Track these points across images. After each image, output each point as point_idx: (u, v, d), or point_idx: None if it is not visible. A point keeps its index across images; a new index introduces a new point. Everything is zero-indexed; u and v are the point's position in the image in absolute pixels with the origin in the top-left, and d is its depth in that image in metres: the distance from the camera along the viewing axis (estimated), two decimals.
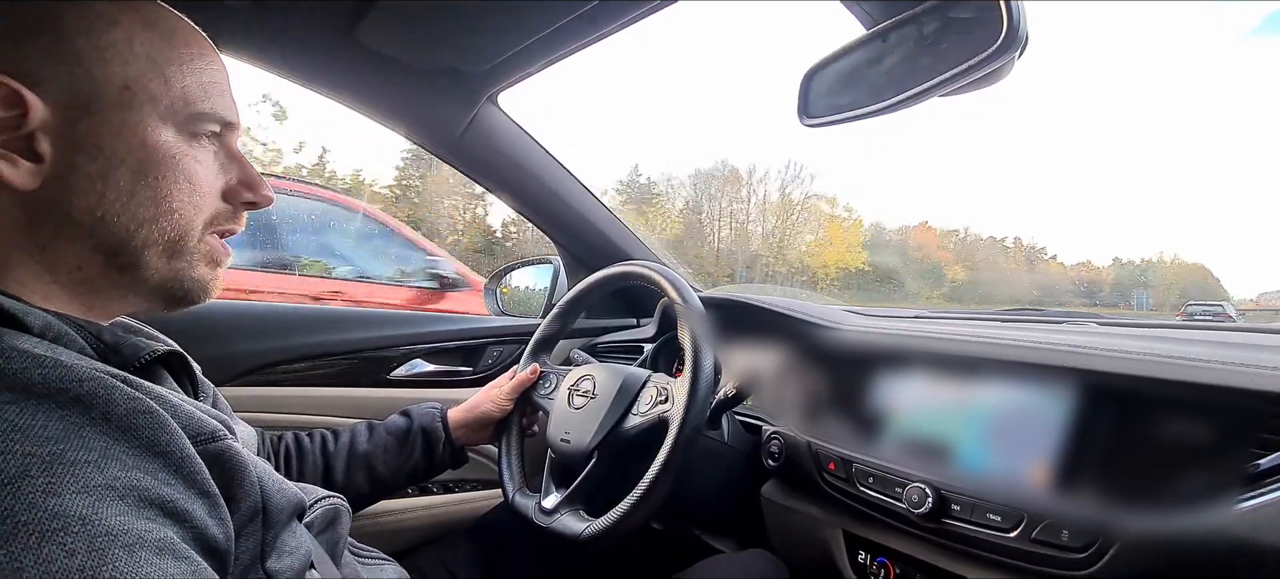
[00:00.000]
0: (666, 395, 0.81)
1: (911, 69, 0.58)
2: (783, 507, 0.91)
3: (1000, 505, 0.65)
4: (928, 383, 0.79)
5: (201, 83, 0.45)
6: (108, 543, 0.29)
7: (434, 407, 0.90)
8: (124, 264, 0.43)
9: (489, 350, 1.29)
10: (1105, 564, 0.57)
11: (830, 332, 0.92)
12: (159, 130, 0.43)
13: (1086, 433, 0.62)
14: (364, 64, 0.89)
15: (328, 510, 0.58)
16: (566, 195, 1.23)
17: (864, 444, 0.80)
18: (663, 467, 0.74)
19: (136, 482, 0.32)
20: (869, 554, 0.81)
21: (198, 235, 0.46)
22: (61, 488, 0.29)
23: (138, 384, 0.37)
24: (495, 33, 0.83)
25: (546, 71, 0.93)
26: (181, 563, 0.32)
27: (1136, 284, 29.46)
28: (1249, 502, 0.51)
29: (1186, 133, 66.01)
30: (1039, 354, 0.69)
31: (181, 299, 0.47)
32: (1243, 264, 53.73)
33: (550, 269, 1.37)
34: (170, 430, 0.35)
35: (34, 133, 0.39)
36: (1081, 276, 31.72)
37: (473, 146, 1.09)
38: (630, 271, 0.94)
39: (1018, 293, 31.01)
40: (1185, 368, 0.58)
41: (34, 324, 0.37)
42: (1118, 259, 33.45)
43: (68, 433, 0.31)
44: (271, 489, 0.43)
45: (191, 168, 0.45)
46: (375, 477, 0.82)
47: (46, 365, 0.33)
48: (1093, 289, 29.99)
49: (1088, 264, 33.58)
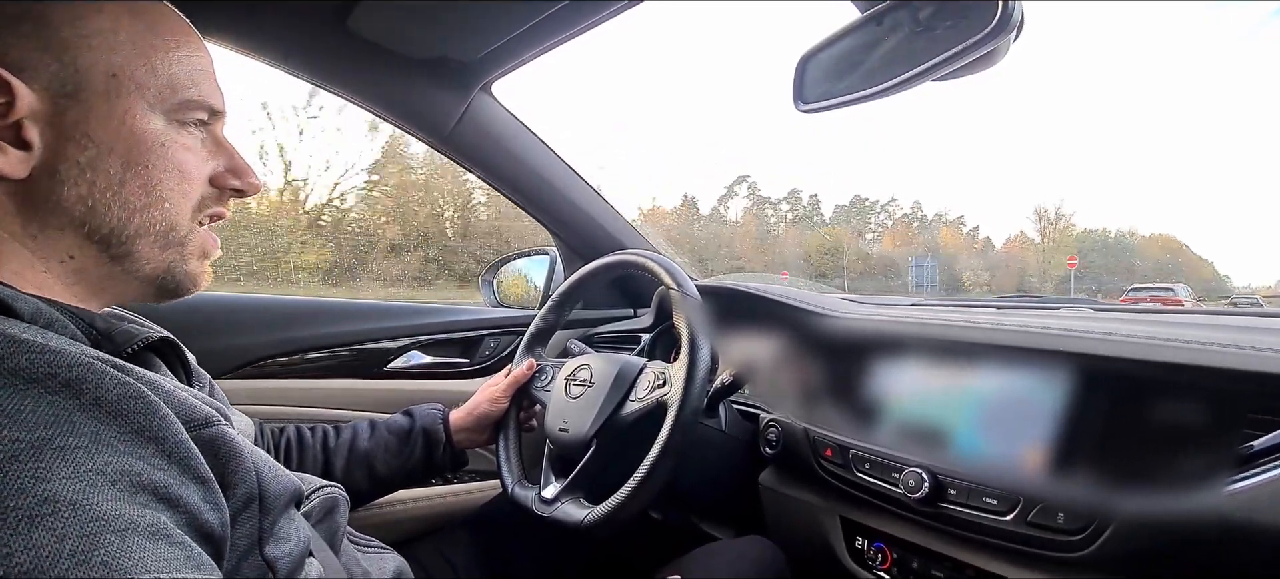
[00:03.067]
0: (664, 380, 0.81)
1: (906, 53, 0.58)
2: (781, 494, 0.92)
3: (996, 489, 0.65)
4: (923, 369, 0.79)
5: (188, 70, 0.46)
6: (99, 528, 0.29)
7: (436, 408, 0.90)
8: (117, 254, 0.44)
9: (486, 342, 1.29)
10: (1100, 546, 0.58)
11: (826, 319, 0.92)
12: (147, 118, 0.43)
13: (1081, 416, 0.63)
14: (356, 53, 0.89)
15: (326, 499, 0.58)
16: (563, 186, 1.22)
17: (861, 431, 0.80)
18: (662, 450, 0.74)
19: (128, 467, 0.32)
20: (866, 539, 0.81)
21: (188, 224, 0.46)
22: (51, 473, 0.29)
23: (128, 369, 0.37)
24: (487, 20, 0.83)
25: (544, 63, 0.93)
26: (175, 547, 0.32)
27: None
28: (1242, 482, 0.51)
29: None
30: (1033, 338, 0.69)
31: (173, 290, 0.48)
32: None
33: (547, 260, 1.36)
34: (162, 415, 0.35)
35: (22, 121, 0.39)
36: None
37: (467, 137, 1.08)
38: (626, 260, 0.94)
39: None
40: (1179, 350, 0.59)
41: (24, 310, 0.37)
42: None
43: (57, 418, 0.31)
44: (267, 476, 0.43)
45: (180, 156, 0.45)
46: (375, 475, 0.82)
47: (35, 350, 0.33)
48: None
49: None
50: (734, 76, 64.92)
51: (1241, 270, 40.08)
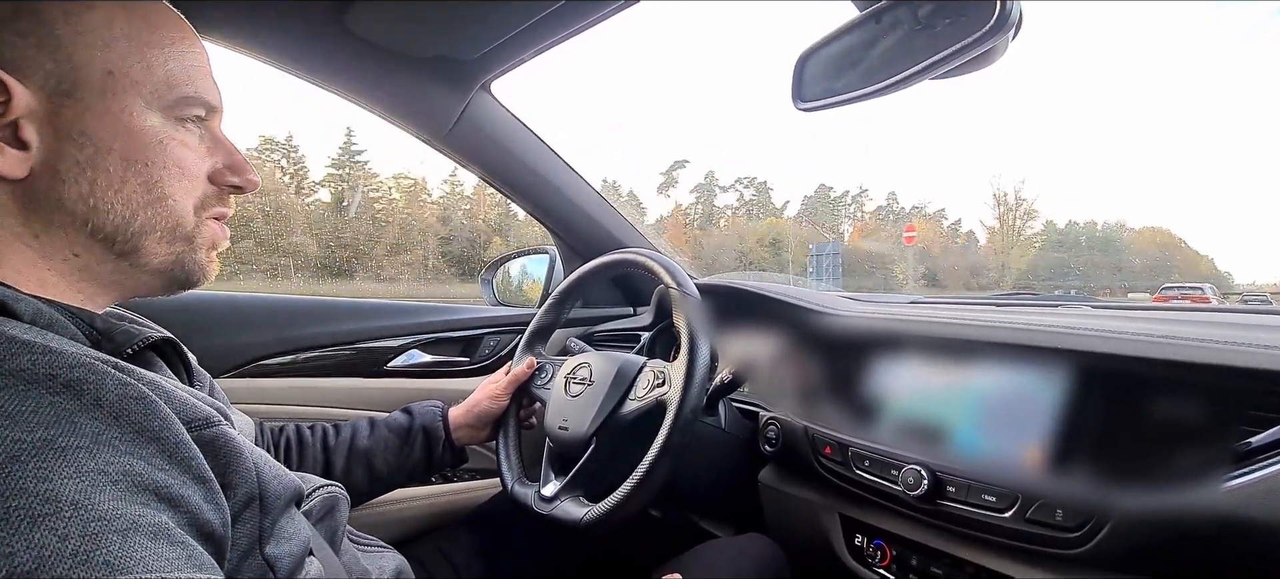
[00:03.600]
0: (664, 379, 0.81)
1: (905, 51, 0.58)
2: (780, 491, 0.92)
3: (995, 486, 0.65)
4: (922, 367, 0.79)
5: (184, 66, 0.46)
6: (101, 528, 0.29)
7: (436, 405, 0.90)
8: (123, 250, 0.44)
9: (485, 340, 1.29)
10: (1098, 543, 0.58)
11: (825, 317, 0.93)
12: (144, 115, 0.43)
13: (1080, 413, 0.63)
14: (354, 52, 0.88)
15: (326, 498, 0.58)
16: (562, 185, 1.22)
17: (860, 428, 0.80)
18: (662, 449, 0.74)
19: (129, 467, 0.32)
20: (866, 537, 0.82)
21: (193, 219, 0.46)
22: (53, 473, 0.29)
23: (129, 370, 0.37)
24: (486, 19, 0.83)
25: (540, 63, 0.93)
26: (176, 547, 0.32)
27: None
28: (1240, 479, 0.51)
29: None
30: (1032, 336, 0.69)
31: (181, 282, 0.48)
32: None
33: (546, 259, 1.36)
34: (163, 416, 0.35)
35: (18, 121, 0.39)
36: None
37: (466, 136, 1.08)
38: (625, 259, 0.94)
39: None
40: (1177, 347, 0.59)
41: (24, 312, 0.37)
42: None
43: (58, 418, 0.31)
44: (268, 475, 0.43)
45: (179, 152, 0.45)
46: (374, 473, 0.82)
47: (36, 351, 0.33)
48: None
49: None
50: (732, 76, 64.94)
51: (1242, 267, 39.76)
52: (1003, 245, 29.05)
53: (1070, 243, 30.43)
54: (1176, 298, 9.32)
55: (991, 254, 29.24)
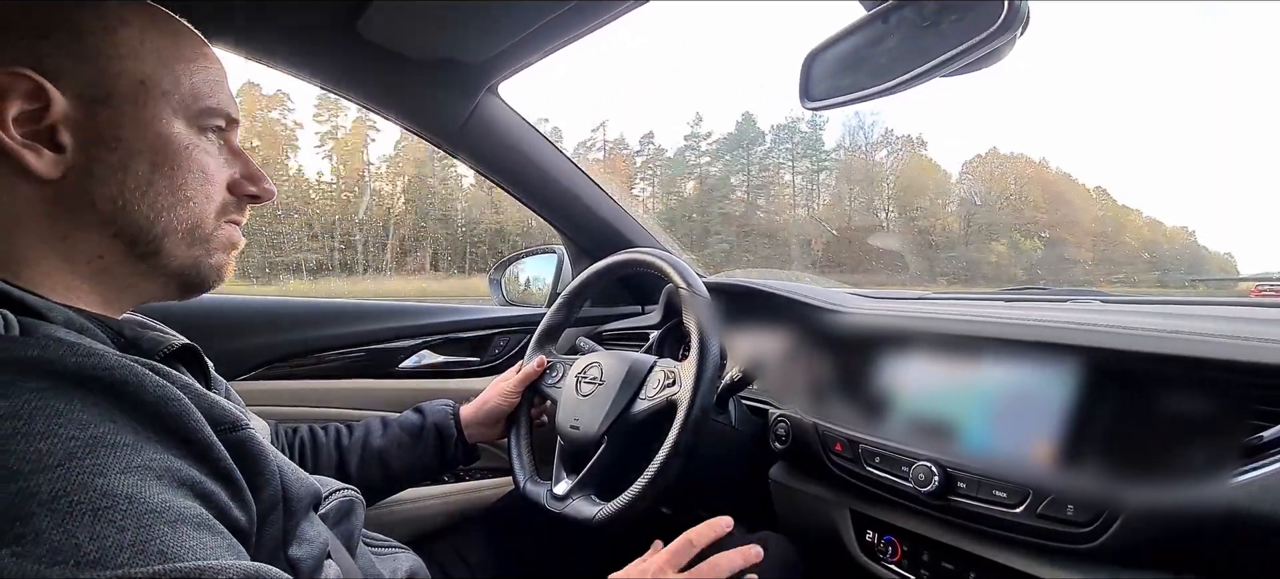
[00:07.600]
0: (674, 379, 0.82)
1: (913, 50, 0.58)
2: (791, 488, 0.92)
3: (1006, 482, 0.66)
4: (932, 363, 0.79)
5: (207, 80, 0.48)
6: (153, 519, 0.31)
7: (447, 404, 0.91)
8: (144, 251, 0.45)
9: (495, 340, 1.30)
10: (1109, 537, 0.58)
11: (834, 315, 0.93)
12: (172, 123, 0.45)
13: (1090, 409, 0.63)
14: (365, 57, 0.89)
15: (343, 502, 0.59)
16: (569, 184, 1.23)
17: (870, 425, 0.80)
18: (672, 448, 0.75)
19: (169, 463, 0.34)
20: (877, 533, 0.82)
21: (212, 223, 0.48)
22: (106, 468, 0.31)
23: (165, 372, 0.38)
24: (494, 23, 0.83)
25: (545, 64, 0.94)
26: (218, 536, 0.34)
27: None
28: (1250, 473, 0.51)
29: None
30: (1042, 332, 0.69)
31: (198, 285, 0.50)
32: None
33: (554, 259, 1.37)
34: (196, 418, 0.37)
35: (55, 125, 0.41)
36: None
37: (474, 138, 1.09)
38: (634, 259, 0.95)
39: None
40: (1188, 342, 0.59)
41: (56, 319, 0.39)
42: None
43: (102, 418, 0.33)
44: (291, 478, 0.44)
45: (202, 160, 0.47)
46: (388, 471, 0.83)
47: (80, 352, 0.35)
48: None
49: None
50: (733, 76, 64.70)
51: (1247, 261, 38.90)
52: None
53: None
54: (1272, 294, 9.03)
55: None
